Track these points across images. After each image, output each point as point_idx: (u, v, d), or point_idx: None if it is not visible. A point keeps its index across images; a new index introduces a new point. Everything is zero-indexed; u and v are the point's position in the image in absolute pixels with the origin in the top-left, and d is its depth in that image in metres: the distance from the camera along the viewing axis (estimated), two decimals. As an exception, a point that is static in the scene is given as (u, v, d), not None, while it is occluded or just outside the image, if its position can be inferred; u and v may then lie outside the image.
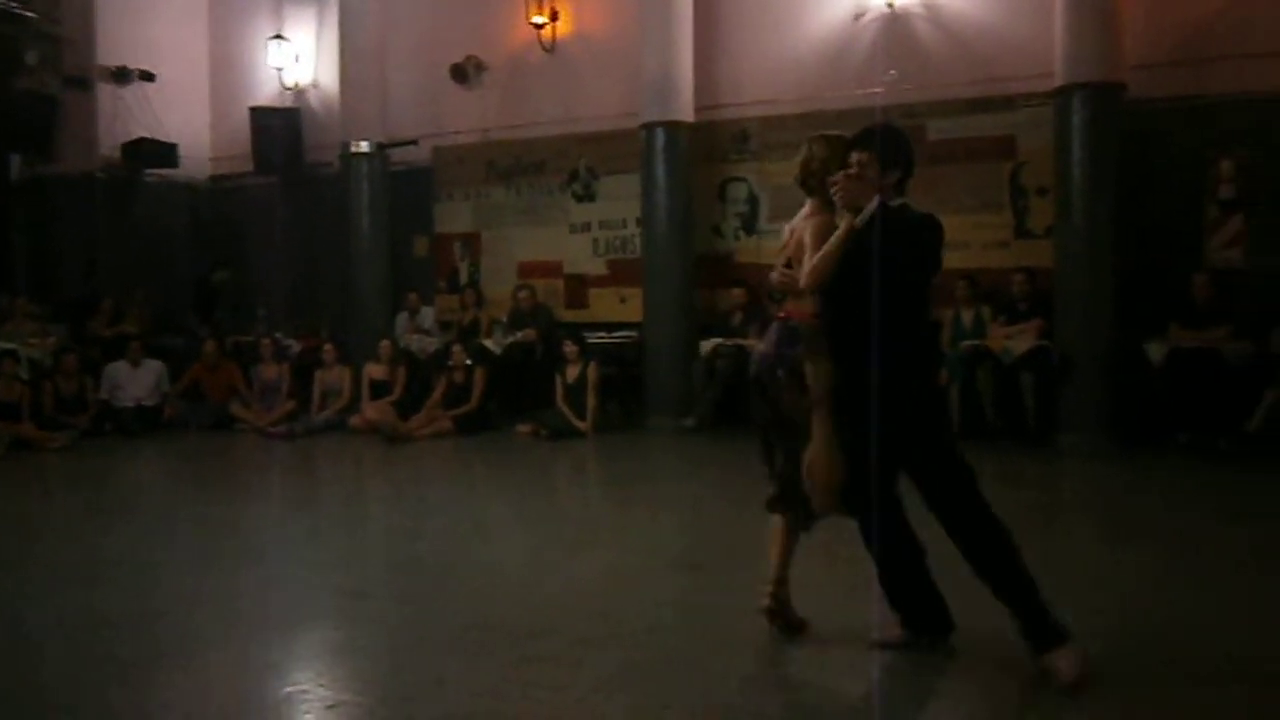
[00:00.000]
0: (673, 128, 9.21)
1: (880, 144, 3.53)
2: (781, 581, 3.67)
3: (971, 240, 8.73)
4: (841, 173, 3.48)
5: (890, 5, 8.86)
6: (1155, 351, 7.58)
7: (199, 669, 3.56)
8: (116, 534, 5.70)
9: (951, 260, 8.55)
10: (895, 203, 3.45)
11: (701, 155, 9.46)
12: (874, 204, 3.39)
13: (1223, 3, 7.99)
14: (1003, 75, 8.53)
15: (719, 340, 8.86)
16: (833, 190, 3.46)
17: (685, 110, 9.27)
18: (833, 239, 3.42)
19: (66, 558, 5.20)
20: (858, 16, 9.07)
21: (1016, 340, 8.02)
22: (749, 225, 9.59)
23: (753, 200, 9.56)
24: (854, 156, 3.52)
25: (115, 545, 5.50)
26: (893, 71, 8.85)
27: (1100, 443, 7.66)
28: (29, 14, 10.89)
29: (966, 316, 8.40)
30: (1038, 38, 8.16)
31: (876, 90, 8.85)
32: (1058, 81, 7.92)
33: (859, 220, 3.40)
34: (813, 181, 3.66)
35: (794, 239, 3.69)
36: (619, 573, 4.69)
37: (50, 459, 8.41)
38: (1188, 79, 8.01)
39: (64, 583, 4.69)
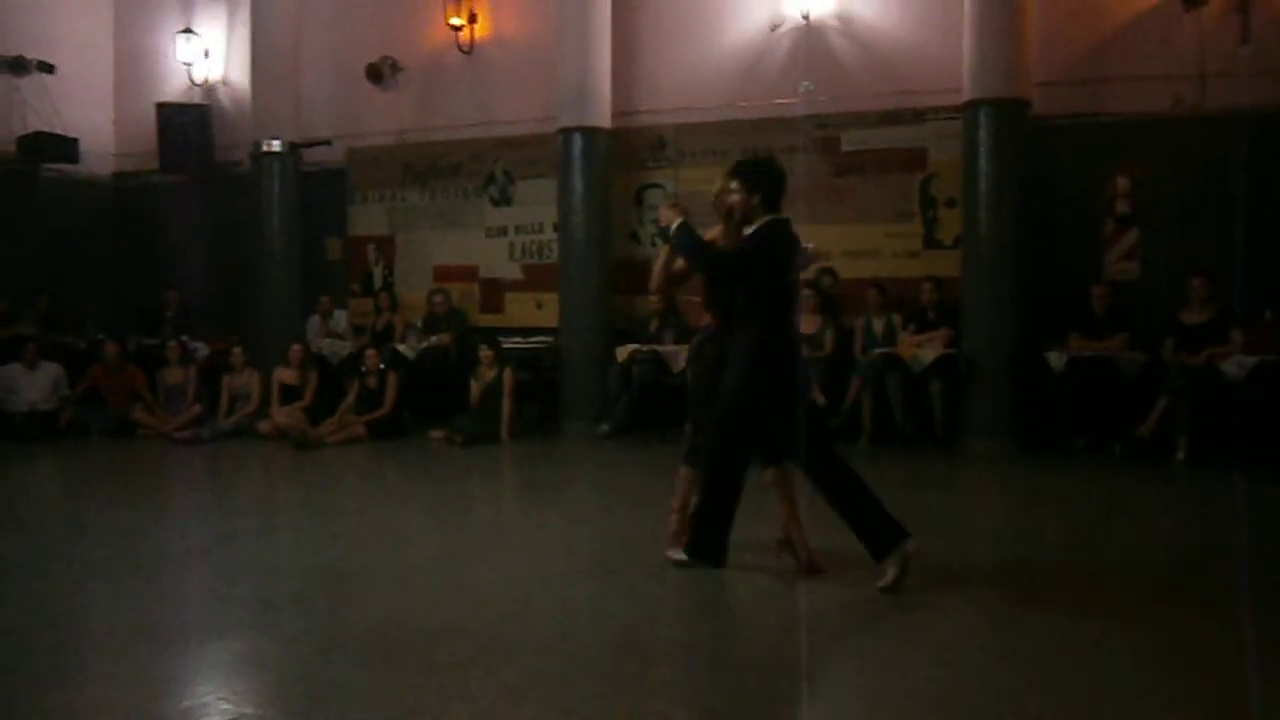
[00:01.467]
0: (590, 133, 9.23)
1: (743, 173, 4.57)
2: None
3: (883, 249, 8.92)
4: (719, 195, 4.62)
5: (806, 18, 9.01)
6: (1056, 360, 7.84)
7: (95, 684, 3.45)
8: (7, 543, 5.48)
9: (863, 269, 8.85)
10: (761, 219, 4.46)
11: (619, 161, 9.50)
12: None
13: (1119, 26, 8.32)
14: (914, 89, 8.74)
15: (635, 346, 8.89)
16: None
17: (603, 116, 9.29)
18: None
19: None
20: (774, 27, 9.21)
21: (925, 348, 8.22)
22: (665, 232, 9.60)
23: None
24: (731, 184, 4.56)
25: (5, 555, 5.29)
26: (807, 83, 9.00)
27: (1004, 447, 7.90)
28: (-80, 0, 10.45)
29: (878, 324, 8.59)
30: (948, 54, 8.38)
31: (792, 100, 8.99)
32: (965, 96, 8.15)
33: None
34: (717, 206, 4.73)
35: None
36: (531, 579, 4.67)
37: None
38: (1087, 97, 8.33)
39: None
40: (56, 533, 5.72)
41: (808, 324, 8.63)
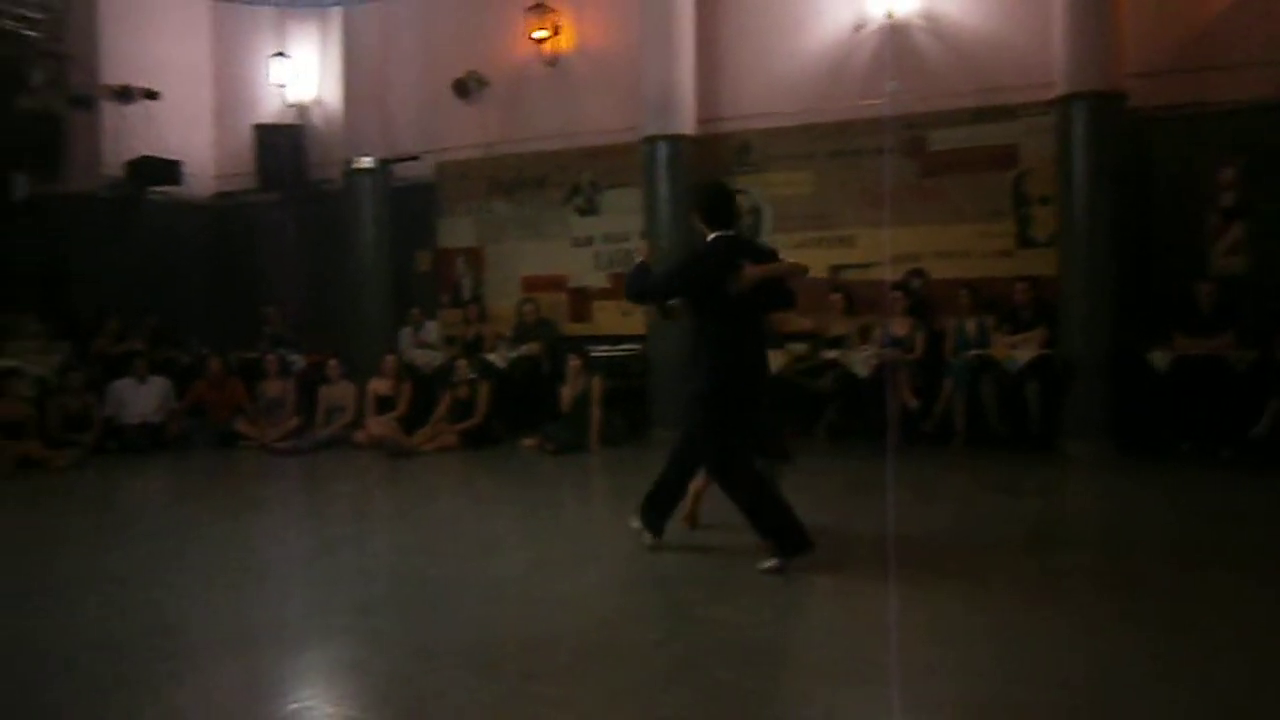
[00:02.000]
0: (675, 141, 9.25)
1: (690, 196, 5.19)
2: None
3: (973, 249, 8.75)
4: None
5: (890, 16, 8.90)
6: (1160, 360, 7.59)
7: (204, 686, 3.56)
8: (122, 551, 5.71)
9: (953, 269, 8.69)
10: (710, 237, 4.84)
11: (703, 168, 9.48)
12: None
13: (1221, 11, 8.02)
14: (1004, 85, 8.56)
15: (724, 352, 8.85)
16: None
17: (687, 123, 9.30)
18: None
19: (71, 575, 5.20)
20: (858, 28, 9.11)
21: (1020, 349, 8.03)
22: (752, 237, 9.59)
23: (755, 212, 9.58)
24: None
25: (121, 562, 5.50)
26: (893, 82, 8.88)
27: (1104, 450, 7.67)
28: (34, 34, 10.95)
29: (970, 326, 8.42)
30: (1038, 48, 8.20)
31: (877, 101, 8.89)
32: (1058, 91, 7.95)
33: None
34: None
35: None
36: (625, 587, 4.69)
37: (56, 477, 8.41)
38: (1188, 87, 8.05)
39: (69, 600, 4.69)
40: (166, 541, 5.92)
41: (898, 326, 8.52)
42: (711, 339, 4.78)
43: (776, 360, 8.72)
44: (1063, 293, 8.00)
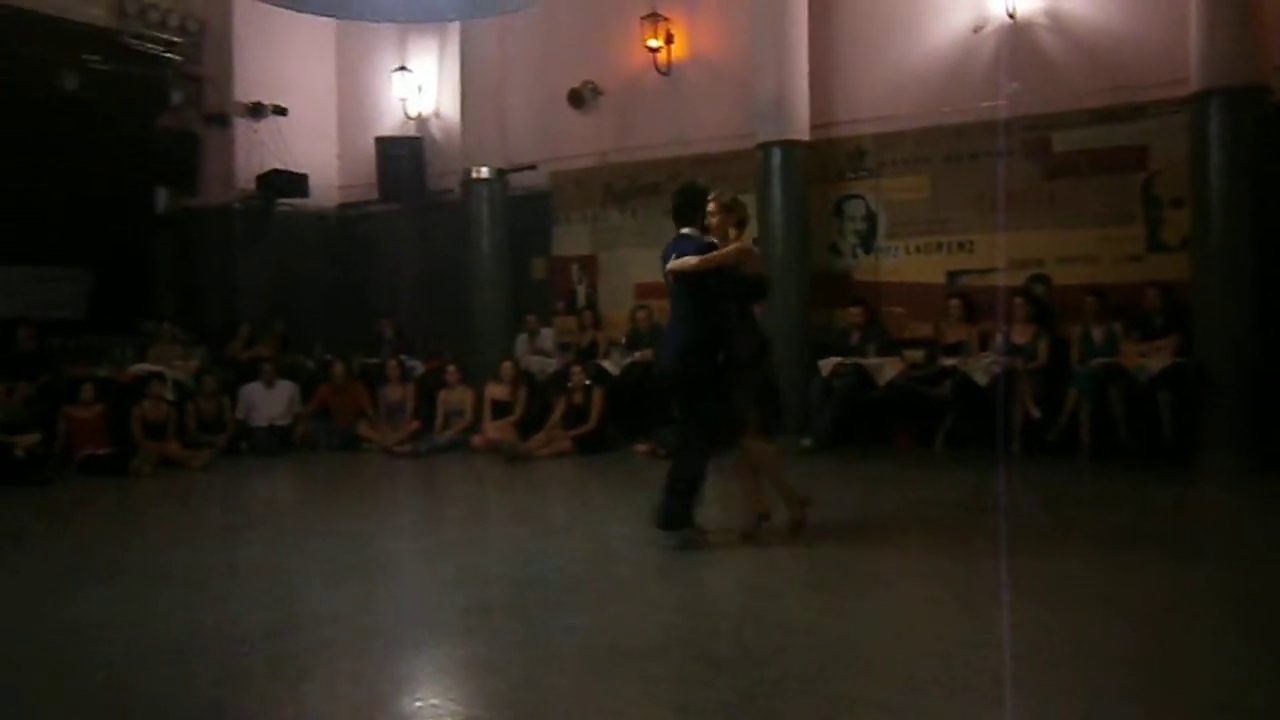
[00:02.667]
0: (789, 147, 9.18)
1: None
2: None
3: (1101, 254, 8.46)
4: None
5: (1012, 16, 8.67)
6: (1305, 368, 7.20)
7: (337, 682, 3.68)
8: (252, 549, 5.94)
9: (1079, 275, 8.42)
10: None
11: (818, 173, 9.41)
12: None
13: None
14: (1133, 83, 8.26)
15: (838, 359, 8.76)
16: None
17: (801, 129, 9.23)
18: None
19: (204, 572, 5.44)
20: (977, 28, 8.90)
21: (1151, 357, 7.72)
22: (867, 243, 9.48)
23: (871, 218, 9.45)
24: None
25: (250, 559, 5.74)
26: (1015, 84, 8.66)
27: (1243, 465, 7.29)
28: (175, 57, 11.53)
29: (1097, 333, 8.12)
30: (1171, 42, 7.87)
31: (998, 103, 8.67)
32: (1193, 87, 7.62)
33: None
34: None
35: None
36: (741, 593, 4.68)
37: (193, 476, 8.82)
38: (1335, 80, 7.62)
39: (200, 596, 4.91)
40: (293, 540, 6.15)
41: (1019, 333, 8.28)
42: (675, 327, 5.57)
43: (893, 366, 8.62)
44: (1197, 298, 7.65)
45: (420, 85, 12.00)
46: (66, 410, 9.07)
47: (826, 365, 8.79)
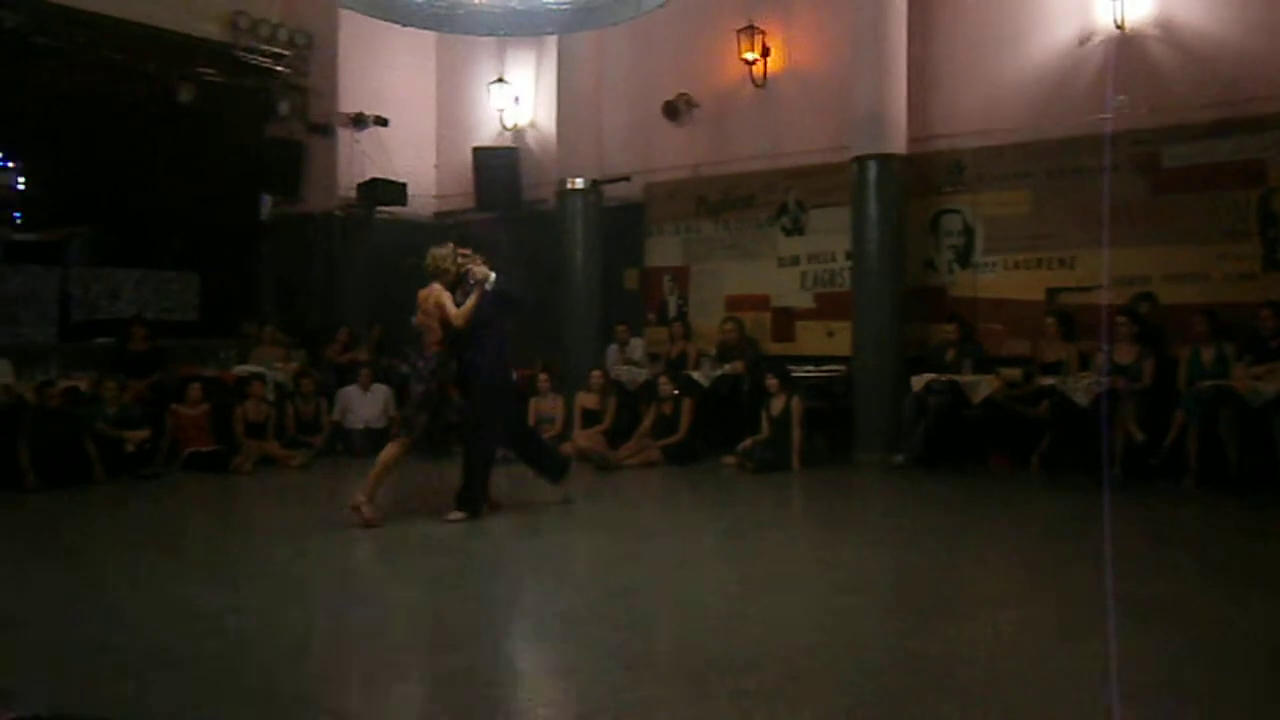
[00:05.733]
0: (885, 160, 9.08)
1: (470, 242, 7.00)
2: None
3: (1210, 273, 8.18)
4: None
5: (1120, 27, 8.45)
6: None
7: (430, 681, 3.74)
8: (346, 548, 6.07)
9: (1188, 294, 8.15)
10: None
11: (914, 187, 9.28)
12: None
13: None
14: (1249, 96, 7.97)
15: (932, 375, 8.62)
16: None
17: (898, 142, 9.12)
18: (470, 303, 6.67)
19: (304, 569, 5.58)
20: (1083, 40, 8.69)
21: (1266, 380, 7.40)
22: (963, 258, 9.32)
23: (968, 233, 9.29)
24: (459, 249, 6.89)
25: (345, 558, 5.87)
26: (1122, 96, 8.43)
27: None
28: (283, 69, 11.91)
29: (1206, 354, 7.82)
30: (1290, 54, 7.58)
31: (1104, 116, 8.45)
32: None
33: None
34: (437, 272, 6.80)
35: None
36: (829, 611, 4.62)
37: (291, 475, 9.06)
38: None
39: (301, 592, 5.04)
40: (387, 541, 6.26)
41: (1122, 353, 8.03)
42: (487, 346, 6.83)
43: (989, 384, 8.44)
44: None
45: (517, 96, 12.18)
46: (174, 408, 9.41)
47: (919, 381, 8.65)
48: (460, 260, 6.86)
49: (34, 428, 8.28)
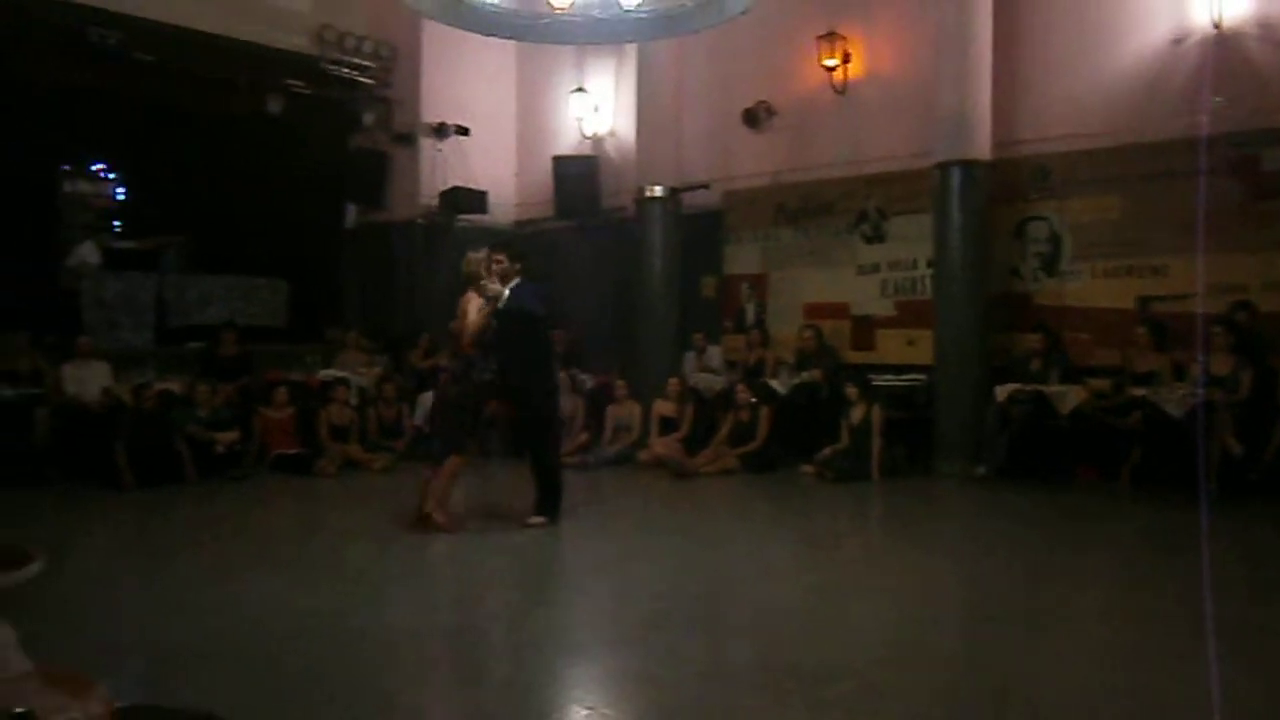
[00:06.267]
0: (969, 166, 8.91)
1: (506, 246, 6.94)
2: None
3: (1314, 280, 7.86)
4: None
5: (1217, 26, 8.18)
6: None
7: (504, 686, 3.77)
8: (426, 551, 6.15)
9: (1289, 303, 7.84)
10: (515, 281, 6.65)
11: (998, 193, 9.10)
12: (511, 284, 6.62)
13: None
14: (1355, 97, 7.65)
15: (1016, 385, 8.42)
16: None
17: (982, 148, 8.95)
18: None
19: (388, 569, 5.67)
20: (1178, 40, 8.43)
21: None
22: (1050, 265, 9.10)
23: (1054, 239, 9.07)
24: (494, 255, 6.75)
25: (430, 560, 5.94)
26: (1219, 98, 8.15)
27: None
28: (368, 80, 12.16)
29: (1307, 365, 7.53)
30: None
31: (1200, 119, 8.18)
32: None
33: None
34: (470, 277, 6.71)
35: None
36: (909, 623, 4.55)
37: (373, 478, 9.22)
38: None
39: (385, 593, 5.12)
40: (463, 544, 6.32)
41: (1219, 364, 7.76)
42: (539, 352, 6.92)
43: (1077, 395, 8.23)
44: None
45: (596, 105, 12.25)
46: (262, 411, 9.66)
47: (1003, 391, 8.46)
48: (494, 266, 6.74)
49: (131, 429, 8.57)
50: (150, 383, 9.26)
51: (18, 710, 1.19)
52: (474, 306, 6.64)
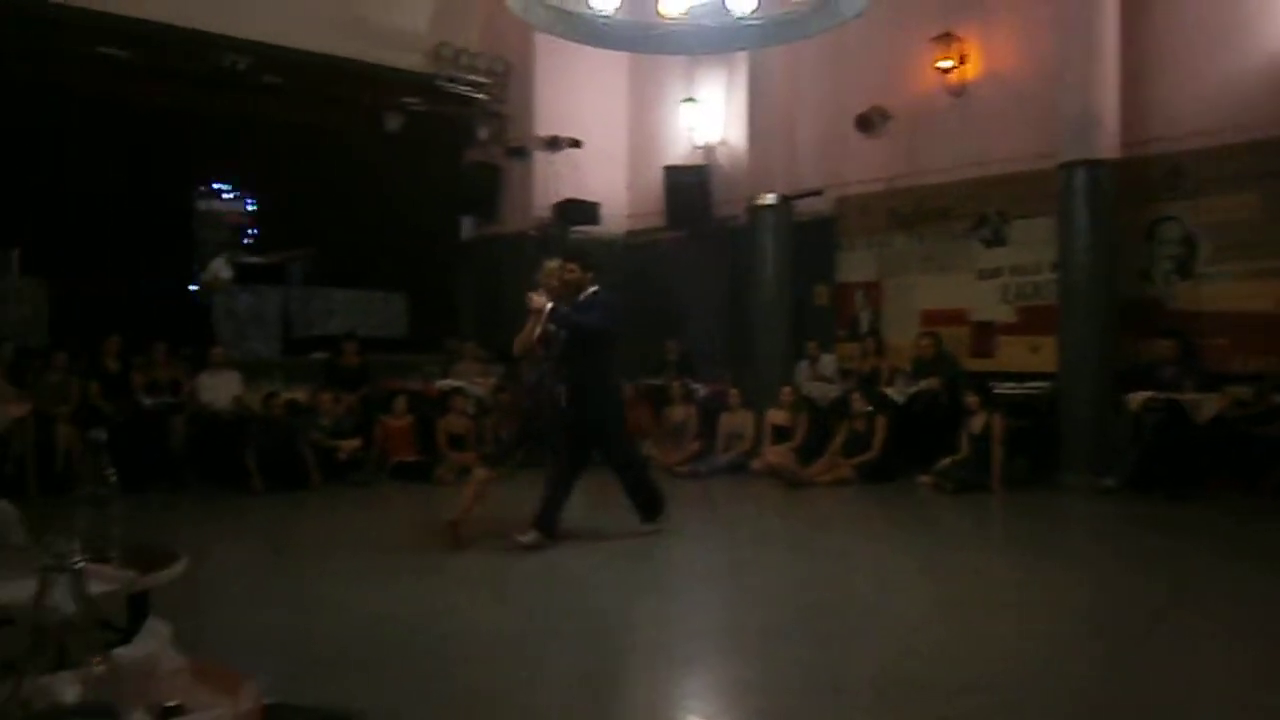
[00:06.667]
0: (1095, 166, 8.61)
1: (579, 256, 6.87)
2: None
3: None
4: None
5: (1364, 15, 7.74)
6: None
7: (617, 686, 3.77)
8: (550, 555, 6.20)
9: None
10: (590, 290, 6.57)
11: (1127, 194, 8.76)
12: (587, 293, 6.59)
13: None
14: None
15: (1149, 394, 8.08)
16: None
17: (1109, 147, 8.63)
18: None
19: (500, 576, 5.75)
20: (1323, 29, 8.00)
21: None
22: (1183, 269, 8.71)
23: (1188, 241, 8.68)
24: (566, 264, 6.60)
25: (548, 565, 5.99)
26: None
27: None
28: (482, 96, 12.42)
29: None
30: None
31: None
32: None
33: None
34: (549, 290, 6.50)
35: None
36: (1037, 638, 4.39)
37: (489, 485, 9.34)
38: None
39: (496, 598, 5.19)
40: (593, 548, 6.37)
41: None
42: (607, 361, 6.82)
43: (1215, 403, 7.85)
44: None
45: (708, 114, 12.25)
46: (382, 420, 9.93)
47: (1135, 400, 8.12)
48: (567, 277, 6.58)
49: (260, 436, 8.91)
50: (277, 392, 9.60)
51: (169, 704, 1.23)
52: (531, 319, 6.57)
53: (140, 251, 10.41)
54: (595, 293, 6.62)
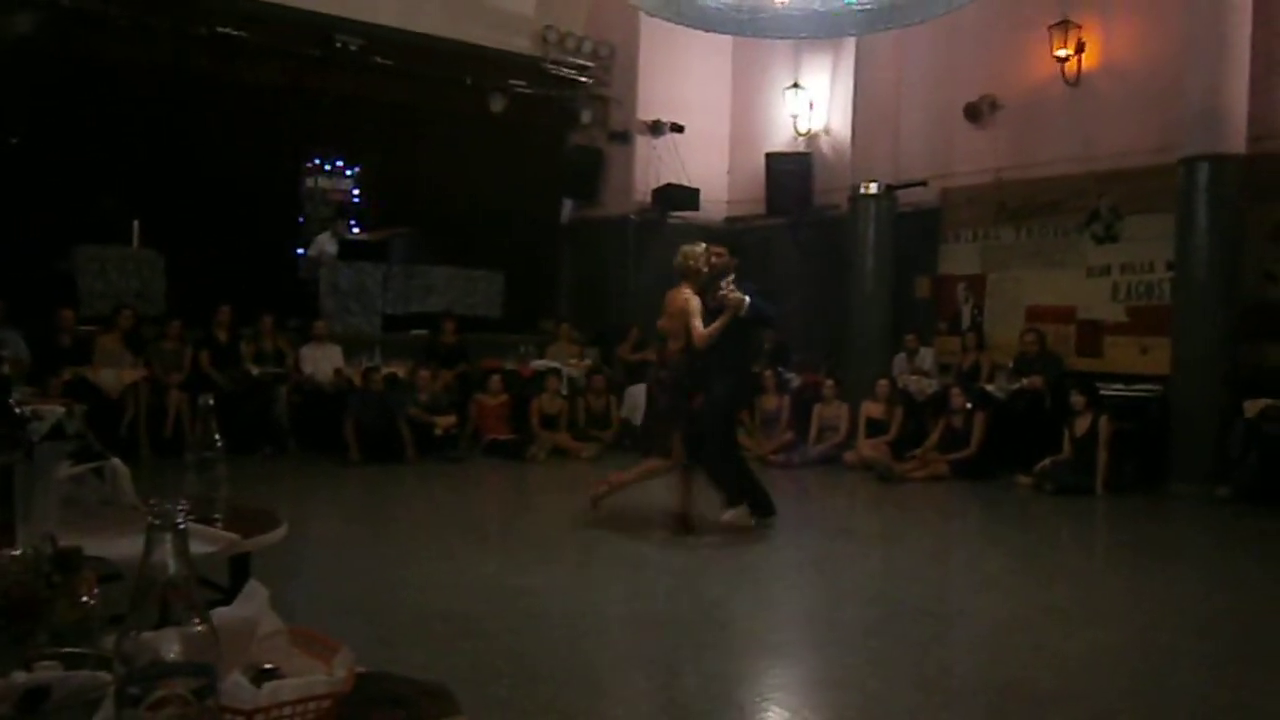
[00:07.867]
0: (1219, 161, 8.22)
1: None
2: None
3: None
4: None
5: None
6: None
7: (704, 676, 3.74)
8: (632, 540, 6.20)
9: None
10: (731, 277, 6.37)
11: (1254, 191, 8.34)
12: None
13: None
14: None
15: (1268, 401, 7.71)
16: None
17: (1235, 141, 8.23)
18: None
19: (590, 558, 5.77)
20: None
21: None
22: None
23: (1321, 243, 8.24)
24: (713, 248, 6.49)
25: (631, 551, 5.99)
26: None
27: None
28: (586, 79, 12.46)
29: None
30: None
31: None
32: None
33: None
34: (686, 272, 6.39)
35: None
36: (1142, 649, 4.23)
37: (580, 466, 9.43)
38: None
39: (586, 579, 5.21)
40: (683, 541, 6.36)
41: None
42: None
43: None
44: None
45: (812, 101, 12.08)
46: (477, 397, 10.08)
47: (1253, 407, 7.76)
48: (714, 261, 6.37)
49: (359, 409, 9.13)
50: (377, 366, 9.81)
51: (266, 666, 1.25)
52: (694, 309, 6.21)
53: (251, 226, 10.72)
54: (744, 283, 6.37)
